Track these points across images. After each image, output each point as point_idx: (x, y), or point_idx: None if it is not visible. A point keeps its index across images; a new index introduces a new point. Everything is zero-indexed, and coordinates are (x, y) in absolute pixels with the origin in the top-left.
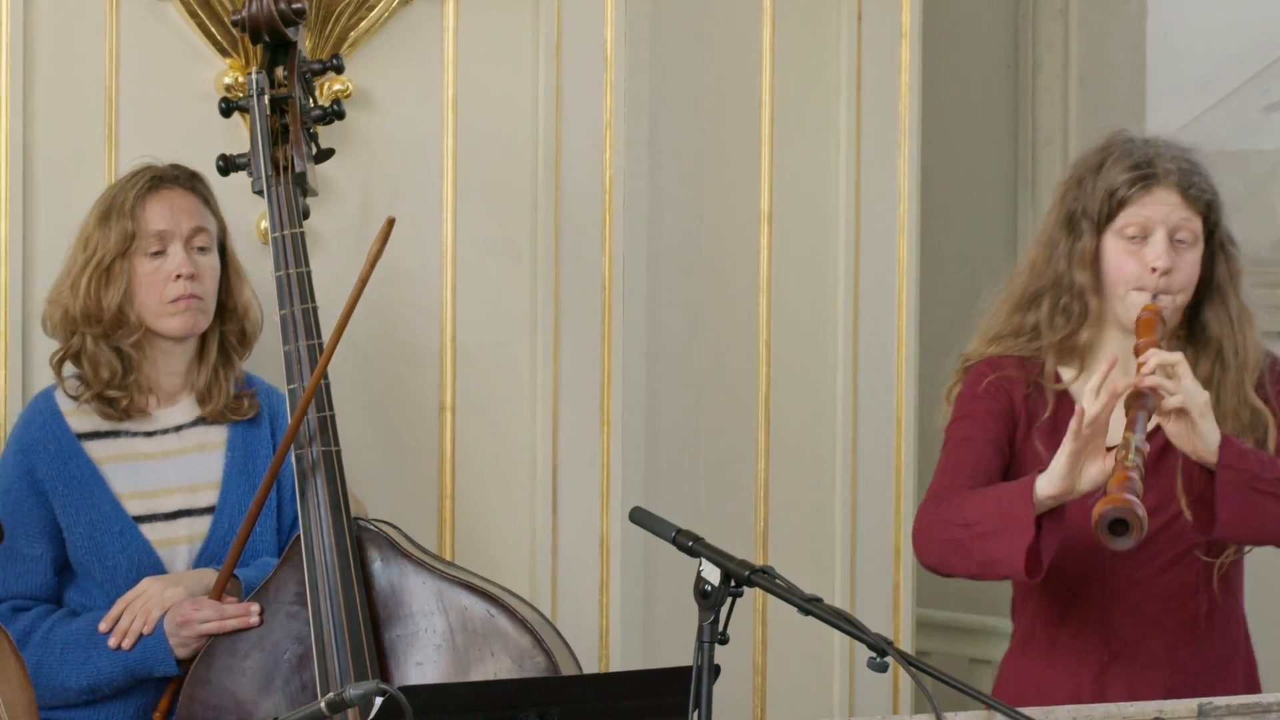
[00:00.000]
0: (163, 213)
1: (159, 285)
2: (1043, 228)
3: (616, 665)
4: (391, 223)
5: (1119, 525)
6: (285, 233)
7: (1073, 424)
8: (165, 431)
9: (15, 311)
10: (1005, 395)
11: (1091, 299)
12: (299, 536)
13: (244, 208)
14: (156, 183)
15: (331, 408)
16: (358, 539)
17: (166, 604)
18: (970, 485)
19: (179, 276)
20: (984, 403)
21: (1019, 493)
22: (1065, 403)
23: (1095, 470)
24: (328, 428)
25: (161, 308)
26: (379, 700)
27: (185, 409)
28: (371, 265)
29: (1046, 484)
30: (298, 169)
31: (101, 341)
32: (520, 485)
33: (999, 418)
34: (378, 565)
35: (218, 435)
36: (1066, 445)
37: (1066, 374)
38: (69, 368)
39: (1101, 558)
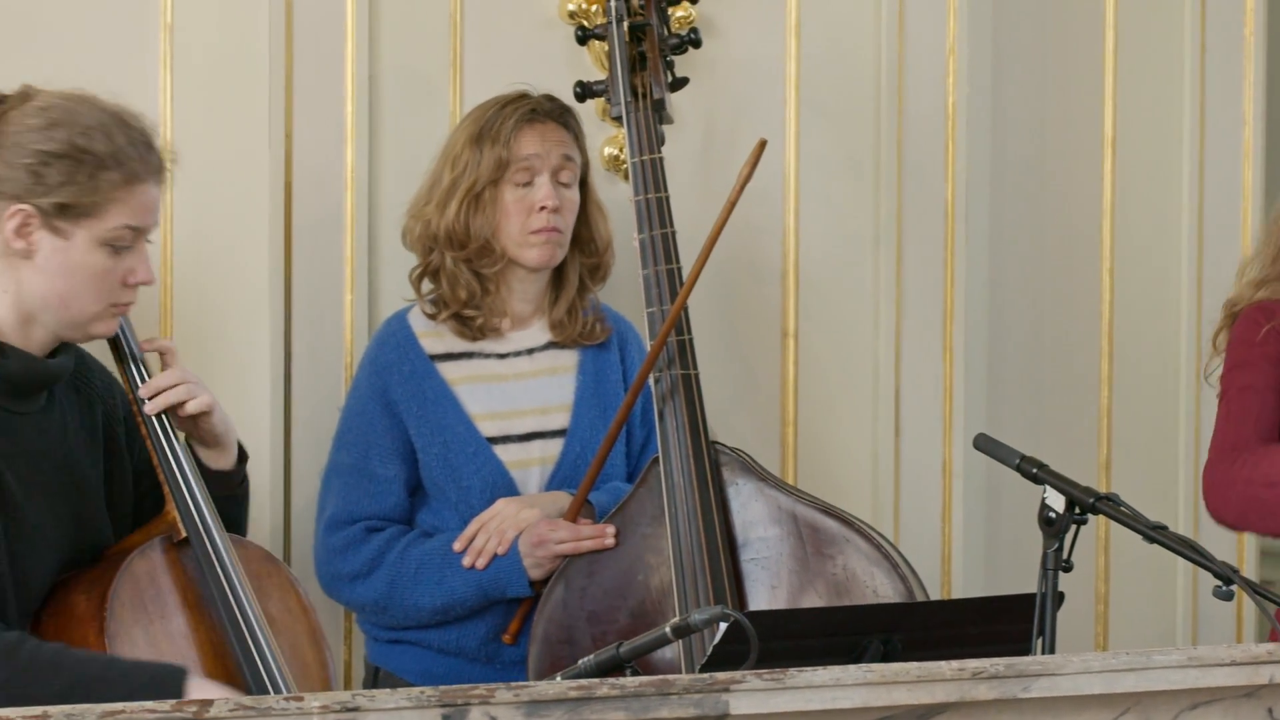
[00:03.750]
0: (534, 143)
1: (522, 215)
2: None
3: (958, 592)
4: (763, 145)
5: None
6: (644, 158)
7: None
8: (518, 354)
9: (361, 237)
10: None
11: None
12: (656, 459)
13: (589, 134)
14: (533, 114)
15: (690, 331)
16: (715, 462)
17: (521, 525)
18: (1258, 437)
19: (543, 208)
20: (1261, 349)
21: None
22: None
23: None
24: (686, 351)
25: (523, 237)
26: (724, 625)
27: (537, 332)
28: (741, 188)
29: None
30: (656, 95)
31: (462, 263)
32: (863, 411)
33: (1277, 363)
34: (733, 489)
35: (569, 359)
36: None
37: None
38: (426, 285)
39: None
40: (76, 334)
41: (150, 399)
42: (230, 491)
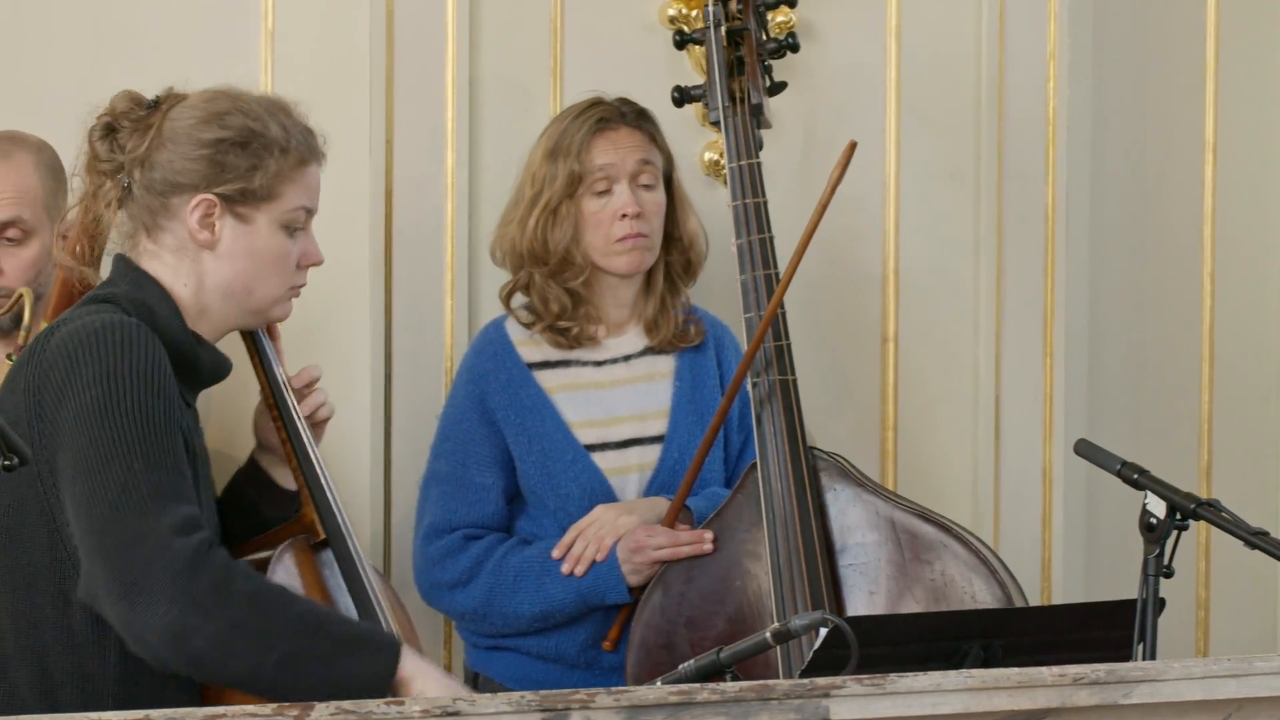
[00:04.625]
0: (608, 152)
1: (605, 224)
2: None
3: (1058, 598)
4: (853, 146)
5: None
6: (742, 163)
7: None
8: (614, 361)
9: (461, 243)
10: None
11: None
12: (754, 464)
13: (689, 139)
14: (603, 123)
15: (787, 336)
16: (813, 468)
17: (620, 531)
18: None
19: (624, 216)
20: None
21: None
22: None
23: None
24: (784, 356)
25: (608, 247)
26: (824, 630)
27: (633, 339)
28: (832, 190)
29: None
30: (753, 100)
31: (549, 279)
32: (962, 416)
33: None
34: (831, 494)
35: (665, 364)
36: None
37: None
38: (519, 297)
39: None
40: (256, 319)
41: (305, 387)
42: (286, 516)
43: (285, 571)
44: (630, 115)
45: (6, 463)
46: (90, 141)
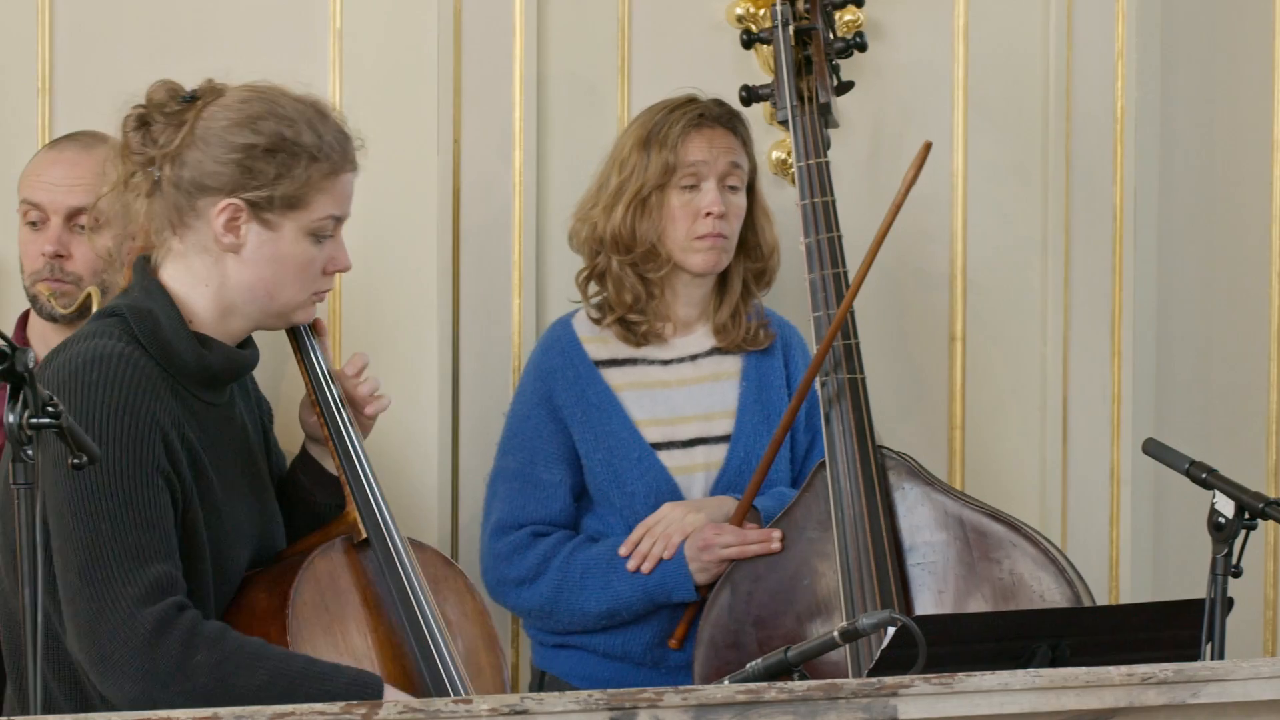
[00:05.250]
0: (702, 148)
1: (688, 220)
2: None
3: (1126, 597)
4: (928, 147)
5: None
6: (810, 162)
7: None
8: (681, 360)
9: (529, 241)
10: None
11: None
12: (822, 464)
13: (756, 138)
14: (701, 119)
15: (856, 335)
16: (881, 466)
17: (687, 529)
18: None
19: (708, 214)
20: None
21: None
22: None
23: None
24: (853, 355)
25: (688, 242)
26: (891, 630)
27: (701, 338)
28: (907, 190)
29: None
30: (821, 100)
31: (627, 267)
32: (1030, 416)
33: None
34: (899, 493)
35: (732, 365)
36: None
37: None
38: (591, 287)
39: None
40: (279, 322)
41: (354, 377)
42: (339, 503)
43: (328, 572)
44: (726, 117)
45: (75, 460)
46: (124, 131)
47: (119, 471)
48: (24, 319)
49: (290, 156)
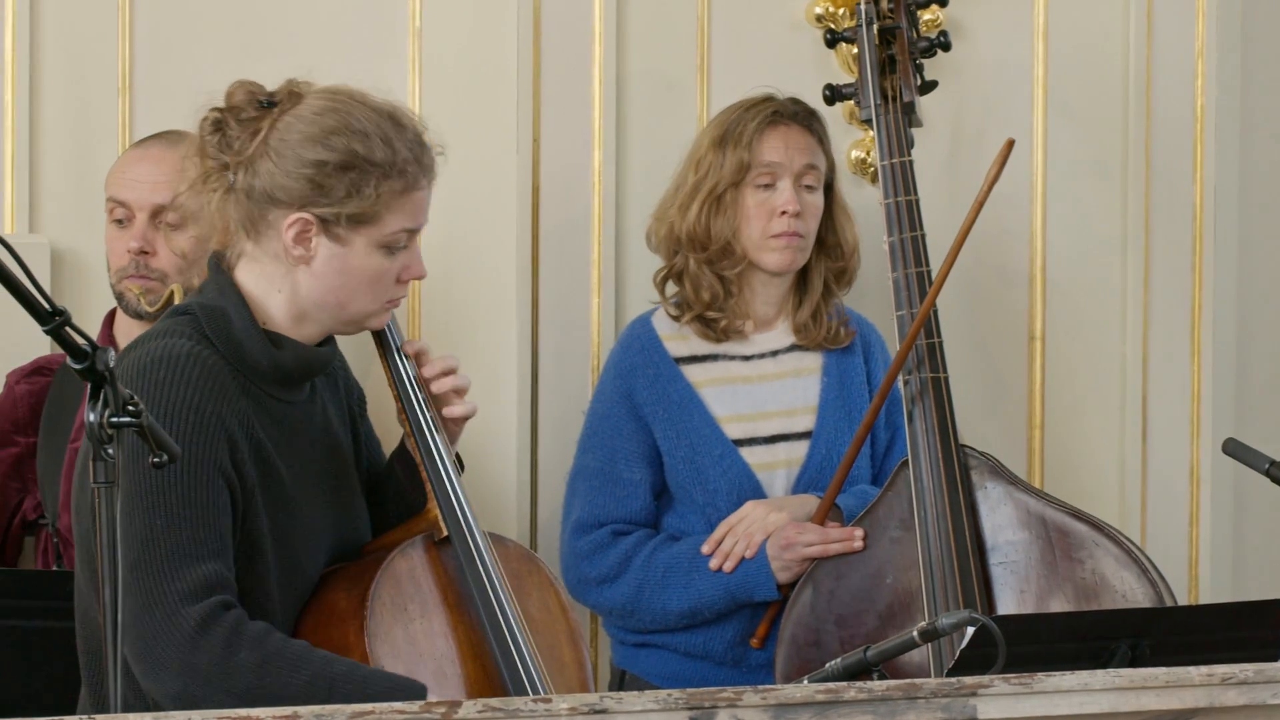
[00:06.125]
0: (778, 147)
1: (764, 218)
2: None
3: (1206, 598)
4: (1010, 145)
5: None
6: (894, 161)
7: None
8: (762, 356)
9: (608, 240)
10: None
11: None
12: (904, 462)
13: (836, 137)
14: (776, 117)
15: (939, 334)
16: (964, 465)
17: (769, 528)
18: None
19: (784, 213)
20: None
21: None
22: None
23: None
24: (935, 353)
25: (763, 241)
26: (971, 629)
27: (781, 334)
28: (989, 188)
29: None
30: (905, 99)
31: (704, 265)
32: (1110, 415)
33: None
34: (982, 492)
35: (813, 361)
36: None
37: None
38: (670, 286)
39: None
40: (350, 329)
41: (435, 379)
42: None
43: (408, 571)
44: (802, 115)
45: (156, 459)
46: (201, 133)
47: (178, 469)
48: (110, 317)
49: (361, 175)
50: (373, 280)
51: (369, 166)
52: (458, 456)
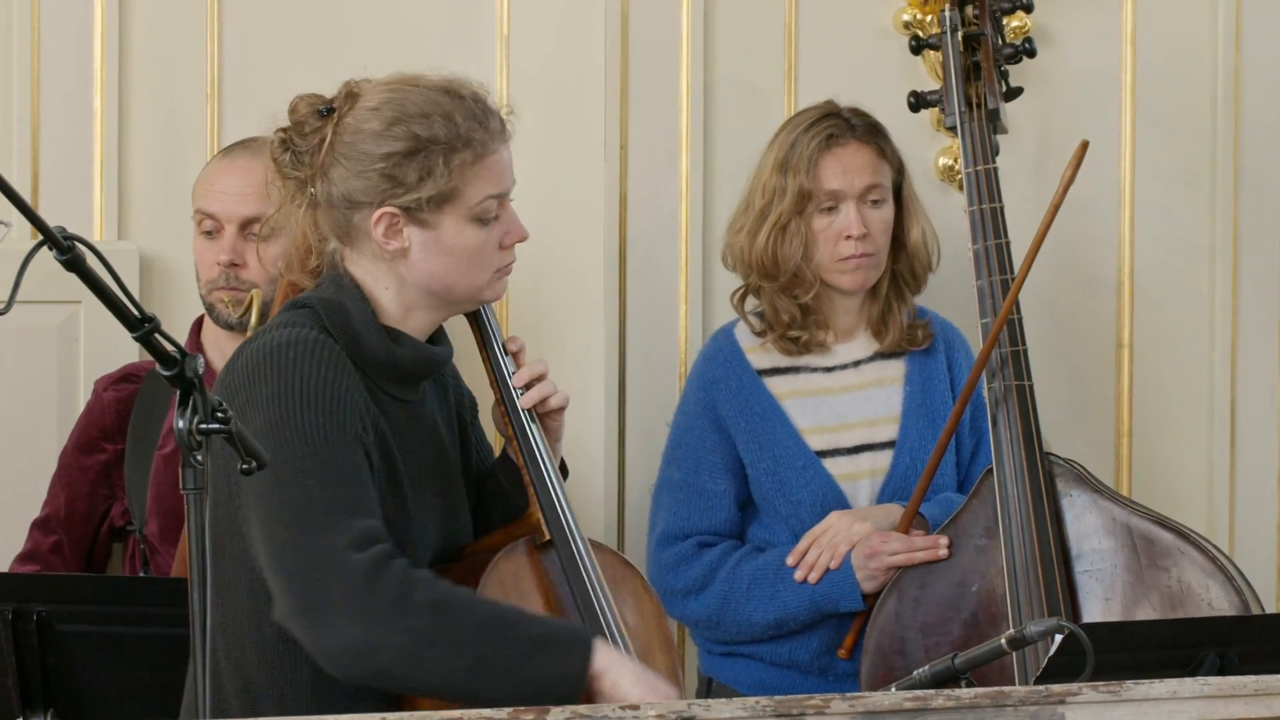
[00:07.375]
0: (837, 172)
1: (831, 242)
2: None
3: None
4: (1085, 146)
5: None
6: (978, 168)
7: None
8: (844, 367)
9: (695, 247)
10: None
11: None
12: (989, 470)
13: (923, 144)
14: (833, 139)
15: (1024, 341)
16: (1049, 473)
17: (854, 539)
18: None
19: (849, 237)
20: None
21: None
22: None
23: None
24: (1020, 360)
25: (834, 264)
26: (1059, 637)
27: (862, 344)
28: (1064, 190)
29: None
30: (990, 106)
31: (779, 293)
32: (1198, 423)
33: None
34: (1067, 500)
35: (895, 369)
36: None
37: None
38: (750, 301)
39: None
40: (467, 306)
41: (525, 389)
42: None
43: (511, 574)
44: (861, 129)
45: (244, 466)
46: (273, 156)
47: (322, 435)
48: (198, 325)
49: (429, 156)
50: (474, 255)
51: (434, 146)
52: (562, 463)
